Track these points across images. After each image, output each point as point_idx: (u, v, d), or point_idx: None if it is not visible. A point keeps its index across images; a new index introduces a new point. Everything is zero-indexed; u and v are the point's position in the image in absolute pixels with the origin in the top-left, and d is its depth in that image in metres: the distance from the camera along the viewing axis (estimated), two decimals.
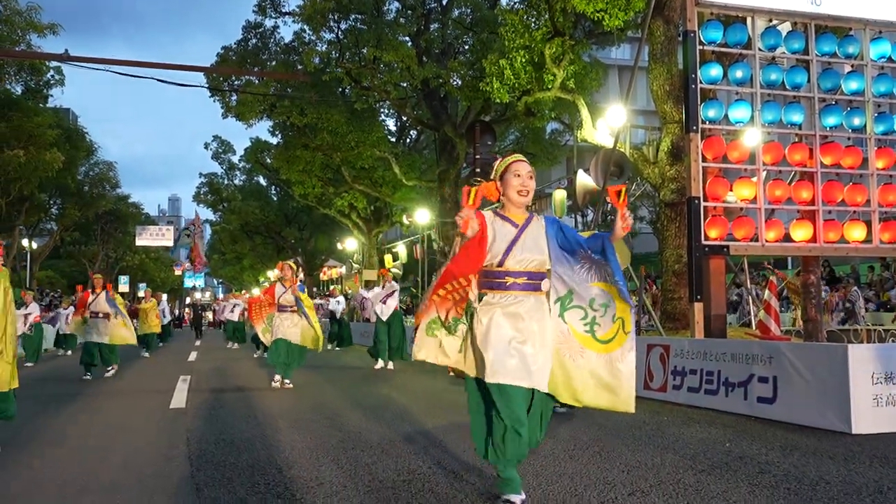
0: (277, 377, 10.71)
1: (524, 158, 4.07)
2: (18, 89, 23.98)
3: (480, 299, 3.94)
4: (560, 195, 17.24)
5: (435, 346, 4.04)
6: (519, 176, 3.94)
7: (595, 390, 3.88)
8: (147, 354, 18.27)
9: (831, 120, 9.39)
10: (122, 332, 13.09)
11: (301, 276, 17.01)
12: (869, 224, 9.41)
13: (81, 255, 40.89)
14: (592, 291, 3.94)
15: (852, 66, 9.61)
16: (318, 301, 24.76)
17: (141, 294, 43.99)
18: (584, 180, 12.78)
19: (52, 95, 26.25)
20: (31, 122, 22.67)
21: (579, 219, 28.00)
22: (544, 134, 23.15)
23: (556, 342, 3.90)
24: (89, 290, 13.22)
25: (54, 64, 22.73)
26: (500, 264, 3.89)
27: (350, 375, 12.74)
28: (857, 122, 9.43)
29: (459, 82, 19.04)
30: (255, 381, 11.84)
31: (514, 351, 3.77)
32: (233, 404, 8.98)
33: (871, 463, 5.12)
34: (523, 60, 14.05)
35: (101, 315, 12.84)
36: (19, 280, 31.78)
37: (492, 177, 4.06)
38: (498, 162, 4.05)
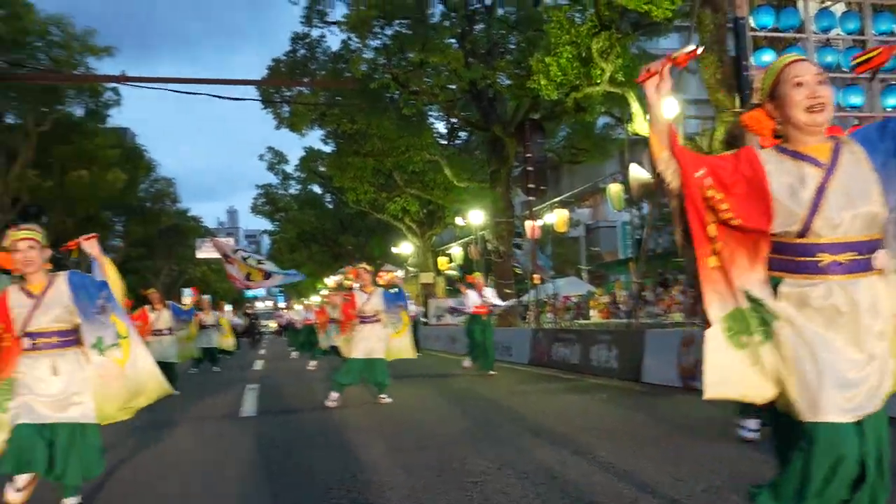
0: (335, 395, 9.22)
1: (804, 57, 2.68)
2: (79, 112, 24.73)
3: (775, 288, 2.50)
4: (616, 188, 17.11)
5: (747, 365, 2.50)
6: (801, 85, 2.47)
7: None
8: (217, 369, 17.61)
9: (892, 100, 9.15)
10: (184, 347, 12.79)
11: (398, 276, 15.77)
12: None
13: (146, 271, 42.02)
14: None
15: None
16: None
17: (189, 298, 44.96)
18: (638, 174, 12.67)
19: (110, 116, 27.07)
20: (92, 143, 23.41)
21: (635, 212, 27.71)
22: (595, 129, 22.96)
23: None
24: (146, 308, 12.30)
25: (111, 84, 23.38)
26: (803, 233, 2.45)
27: (426, 381, 12.75)
28: None
29: (507, 81, 19.04)
30: (320, 390, 12.00)
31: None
32: (301, 412, 9.16)
33: None
34: (570, 56, 13.97)
35: (164, 331, 12.12)
36: None
37: (756, 100, 2.66)
38: (762, 74, 2.63)
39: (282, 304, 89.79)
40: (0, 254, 4.27)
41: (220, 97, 20.35)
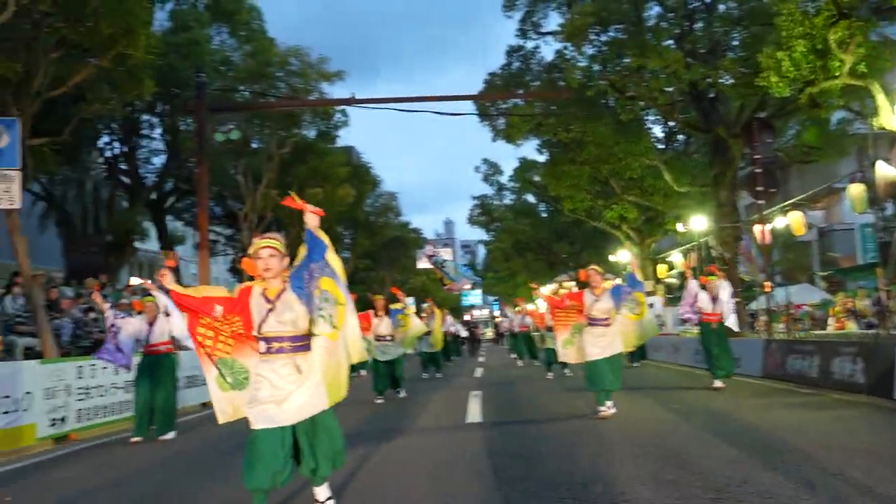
0: (609, 403, 8.82)
1: None
2: (312, 133, 26.66)
3: None
4: (857, 189, 15.69)
5: None
6: None
7: None
8: (440, 375, 18.31)
9: None
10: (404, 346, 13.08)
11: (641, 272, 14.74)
12: None
13: (372, 281, 44.42)
14: None
15: None
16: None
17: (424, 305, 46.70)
18: (886, 171, 11.57)
19: (339, 136, 29.00)
20: (325, 162, 25.20)
21: (878, 213, 25.29)
22: (829, 125, 21.24)
23: None
24: (370, 312, 12.82)
25: (340, 107, 24.97)
26: None
27: (650, 393, 12.43)
28: None
29: (731, 80, 18.13)
30: (544, 398, 12.04)
31: None
32: (526, 419, 9.23)
33: None
34: (804, 50, 13.05)
35: (387, 338, 12.71)
36: None
37: None
38: None
39: (496, 313, 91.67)
40: (245, 260, 4.73)
41: (439, 113, 21.13)
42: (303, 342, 4.58)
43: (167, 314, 6.44)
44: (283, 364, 4.52)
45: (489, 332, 59.03)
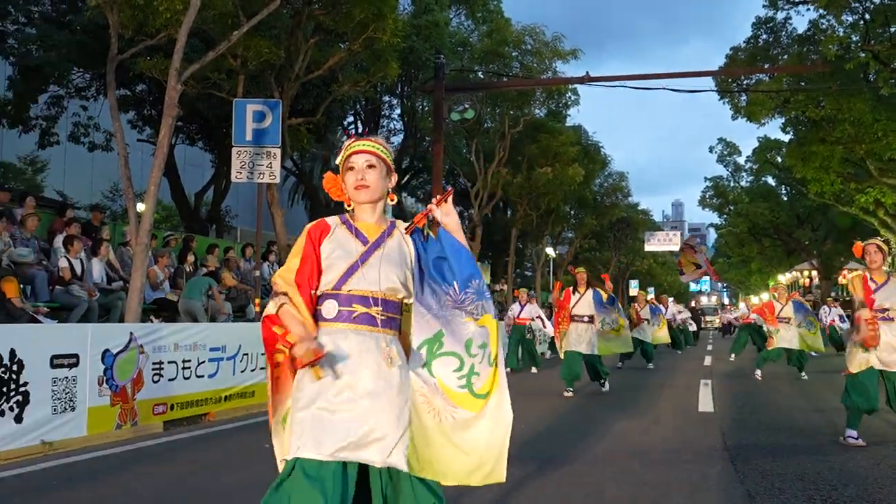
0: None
1: None
2: (541, 113, 26.74)
3: None
4: None
5: None
6: None
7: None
8: (651, 366, 16.31)
9: None
10: (612, 342, 11.20)
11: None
12: None
13: (596, 261, 43.98)
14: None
15: None
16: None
17: (635, 291, 45.30)
18: None
19: (569, 115, 28.84)
20: (555, 141, 25.18)
21: None
22: None
23: None
24: (569, 288, 10.95)
25: (572, 86, 24.79)
26: None
27: None
28: None
29: None
30: (778, 391, 11.38)
31: None
32: (763, 412, 8.78)
33: None
34: None
35: (585, 319, 10.60)
36: (546, 285, 35.59)
37: None
38: None
39: (725, 302, 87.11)
40: (329, 175, 2.88)
41: (675, 90, 20.26)
42: (397, 315, 2.71)
43: None
44: (362, 341, 2.58)
45: (717, 321, 56.24)
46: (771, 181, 42.29)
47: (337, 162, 2.80)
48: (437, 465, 2.60)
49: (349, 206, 2.79)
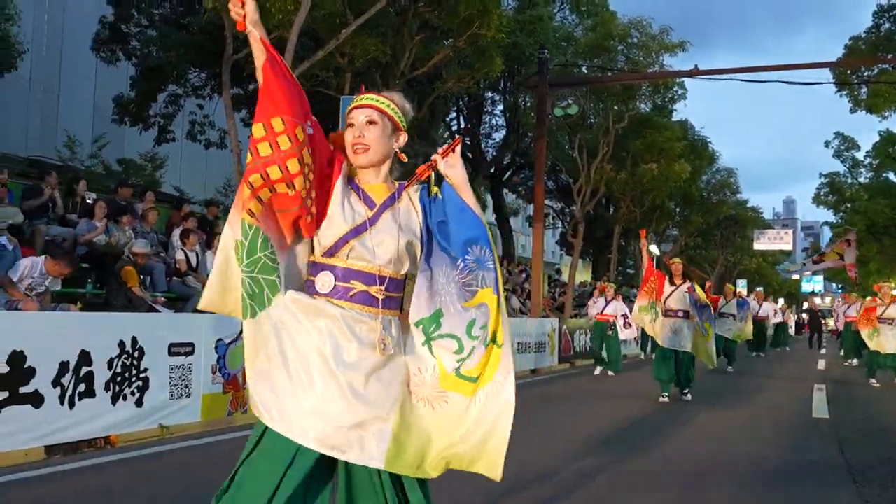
0: None
1: None
2: (647, 108, 26.15)
3: None
4: None
5: None
6: None
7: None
8: (731, 369, 15.24)
9: None
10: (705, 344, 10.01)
11: None
12: None
13: (702, 259, 42.78)
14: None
15: None
16: None
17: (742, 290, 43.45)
18: None
19: (675, 110, 28.07)
20: (661, 136, 24.56)
21: None
22: None
23: None
24: (665, 275, 10.13)
25: (679, 79, 24.14)
26: None
27: None
28: None
29: None
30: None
31: None
32: (883, 421, 8.36)
33: None
34: None
35: (679, 314, 9.75)
36: (632, 282, 34.81)
37: None
38: None
39: (838, 301, 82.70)
40: (335, 134, 2.54)
41: (789, 83, 19.43)
42: (399, 294, 2.42)
43: None
44: (356, 320, 2.28)
45: (832, 322, 53.65)
46: (892, 177, 40.17)
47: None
48: (428, 457, 2.29)
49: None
